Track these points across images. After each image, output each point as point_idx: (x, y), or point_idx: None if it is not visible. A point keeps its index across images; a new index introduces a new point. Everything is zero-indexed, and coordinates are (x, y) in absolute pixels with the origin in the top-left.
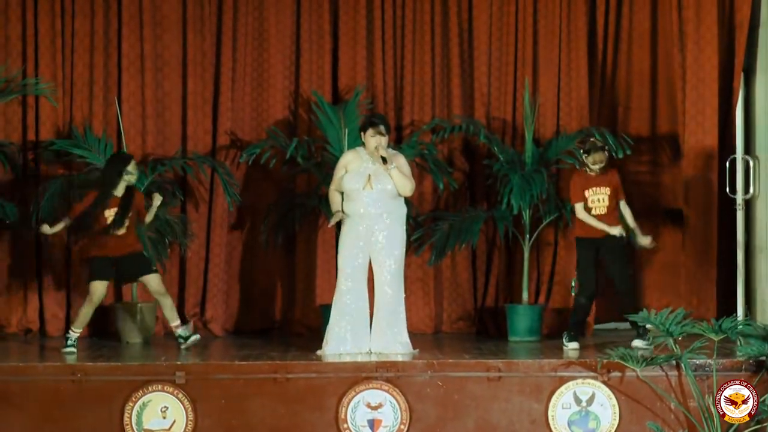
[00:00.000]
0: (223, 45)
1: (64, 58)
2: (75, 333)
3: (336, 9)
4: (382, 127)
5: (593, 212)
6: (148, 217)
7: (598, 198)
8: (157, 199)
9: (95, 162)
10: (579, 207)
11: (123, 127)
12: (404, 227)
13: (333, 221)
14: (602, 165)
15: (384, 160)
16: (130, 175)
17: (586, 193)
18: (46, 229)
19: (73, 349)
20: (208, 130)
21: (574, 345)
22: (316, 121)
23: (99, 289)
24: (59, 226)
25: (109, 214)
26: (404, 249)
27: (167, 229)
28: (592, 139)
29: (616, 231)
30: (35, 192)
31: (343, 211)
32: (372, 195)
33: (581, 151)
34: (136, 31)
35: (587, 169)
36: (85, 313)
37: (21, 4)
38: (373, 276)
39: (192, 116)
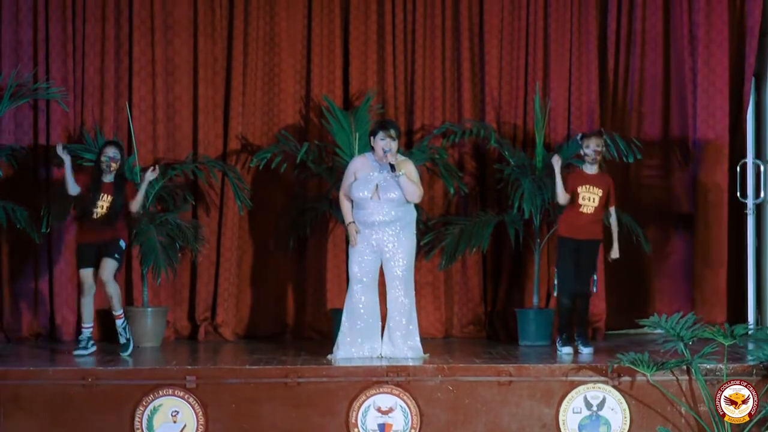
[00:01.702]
0: (234, 49)
1: (75, 62)
2: (86, 329)
3: (347, 14)
4: (392, 131)
5: (581, 209)
6: (137, 200)
7: (590, 197)
8: (150, 175)
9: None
10: (563, 198)
11: (134, 131)
12: (414, 233)
13: (353, 239)
14: (599, 149)
15: (392, 167)
16: (108, 158)
17: (579, 189)
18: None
19: (84, 352)
20: (218, 135)
21: (568, 350)
22: (327, 125)
23: (87, 277)
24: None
25: (101, 202)
26: (414, 255)
27: (178, 234)
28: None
29: (614, 254)
30: (46, 196)
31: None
32: (380, 203)
33: (579, 138)
34: (147, 36)
35: (584, 167)
36: (84, 305)
37: (32, 9)
38: (384, 281)
39: (203, 120)
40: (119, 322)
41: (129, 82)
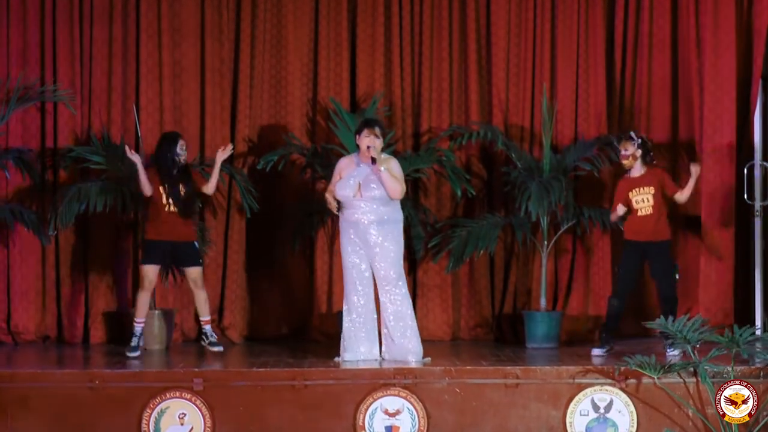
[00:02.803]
0: (242, 52)
1: (82, 65)
2: (138, 325)
3: (354, 16)
4: (377, 129)
5: (639, 213)
6: (211, 183)
7: (643, 198)
8: (222, 154)
9: (113, 169)
10: (621, 209)
11: (141, 134)
12: (400, 233)
13: (332, 205)
14: (629, 152)
15: (373, 160)
16: (180, 156)
17: (630, 194)
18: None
19: (135, 354)
20: (226, 137)
21: (599, 351)
22: (334, 128)
23: (149, 272)
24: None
25: (165, 192)
26: (401, 255)
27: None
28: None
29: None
30: (53, 199)
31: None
32: (362, 201)
33: (615, 142)
34: (154, 39)
35: (629, 173)
36: (141, 301)
37: (39, 12)
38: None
39: (210, 123)
40: (208, 328)
41: (136, 84)
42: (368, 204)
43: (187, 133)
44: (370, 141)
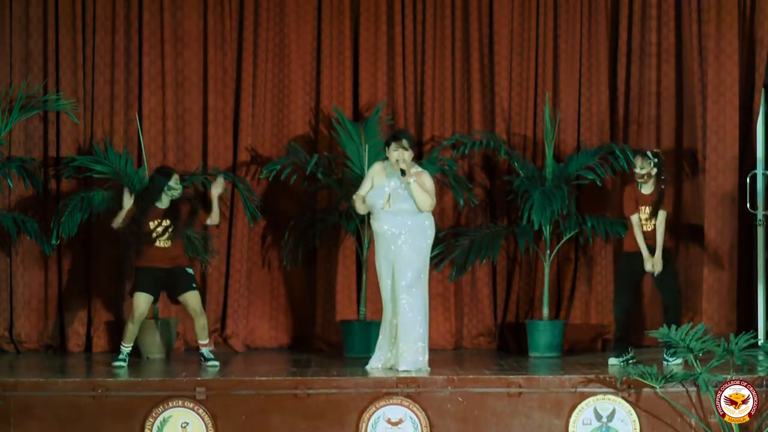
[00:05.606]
0: (244, 61)
1: (85, 74)
2: (125, 348)
3: (357, 25)
4: (404, 142)
5: (642, 228)
6: (213, 215)
7: (647, 216)
8: (216, 190)
9: (116, 178)
10: (635, 219)
11: (144, 143)
12: (426, 245)
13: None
14: (644, 171)
15: (403, 172)
16: (173, 190)
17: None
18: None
19: (123, 364)
20: (228, 146)
21: (614, 361)
22: (337, 137)
23: (141, 302)
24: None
25: (154, 225)
26: (424, 267)
27: (188, 245)
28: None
29: (648, 266)
30: (56, 208)
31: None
32: (392, 214)
33: (631, 157)
34: (156, 47)
35: (638, 184)
36: (130, 330)
37: (42, 20)
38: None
39: (212, 132)
40: (205, 351)
41: (139, 93)
42: (396, 216)
43: (190, 141)
44: (398, 154)
